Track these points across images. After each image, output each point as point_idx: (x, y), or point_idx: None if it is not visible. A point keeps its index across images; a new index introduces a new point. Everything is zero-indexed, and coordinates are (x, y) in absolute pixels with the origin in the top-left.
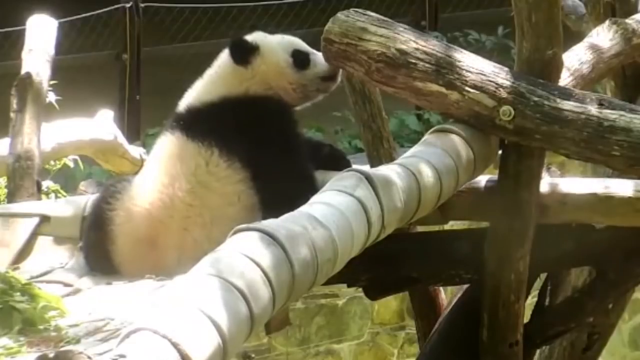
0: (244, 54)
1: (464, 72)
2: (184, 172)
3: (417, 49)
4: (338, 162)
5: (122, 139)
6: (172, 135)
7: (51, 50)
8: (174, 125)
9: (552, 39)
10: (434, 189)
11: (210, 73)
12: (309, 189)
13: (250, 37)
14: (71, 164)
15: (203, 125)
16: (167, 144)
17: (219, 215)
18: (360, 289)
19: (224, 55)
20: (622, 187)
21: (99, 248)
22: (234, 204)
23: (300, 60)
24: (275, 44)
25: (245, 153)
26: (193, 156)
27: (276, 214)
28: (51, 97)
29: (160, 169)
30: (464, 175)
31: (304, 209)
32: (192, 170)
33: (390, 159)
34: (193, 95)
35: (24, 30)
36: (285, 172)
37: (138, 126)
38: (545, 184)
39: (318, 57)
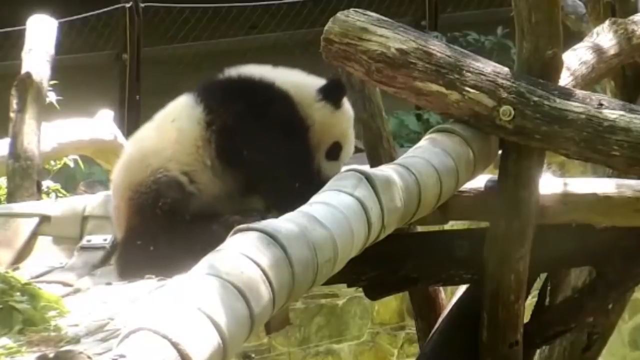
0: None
1: (463, 72)
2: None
3: (417, 49)
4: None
5: (122, 139)
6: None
7: (51, 50)
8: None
9: (552, 39)
10: (434, 189)
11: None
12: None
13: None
14: (71, 164)
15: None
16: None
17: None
18: (360, 289)
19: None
20: (622, 187)
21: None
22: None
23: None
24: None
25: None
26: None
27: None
28: (51, 97)
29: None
30: (464, 175)
31: (303, 209)
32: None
33: (390, 159)
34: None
35: (24, 30)
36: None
37: (138, 126)
38: (545, 184)
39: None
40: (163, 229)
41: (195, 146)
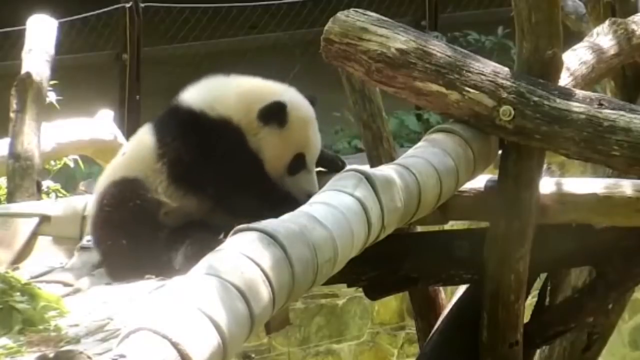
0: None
1: (463, 72)
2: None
3: (417, 49)
4: (332, 162)
5: (122, 139)
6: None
7: (51, 50)
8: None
9: (552, 39)
10: (434, 189)
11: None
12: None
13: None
14: (71, 164)
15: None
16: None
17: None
18: (360, 289)
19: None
20: (622, 187)
21: None
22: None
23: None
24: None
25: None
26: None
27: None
28: (51, 97)
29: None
30: (464, 175)
31: (304, 208)
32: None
33: (390, 159)
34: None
35: (24, 30)
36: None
37: (138, 126)
38: (545, 184)
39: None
40: (125, 224)
41: (145, 175)
